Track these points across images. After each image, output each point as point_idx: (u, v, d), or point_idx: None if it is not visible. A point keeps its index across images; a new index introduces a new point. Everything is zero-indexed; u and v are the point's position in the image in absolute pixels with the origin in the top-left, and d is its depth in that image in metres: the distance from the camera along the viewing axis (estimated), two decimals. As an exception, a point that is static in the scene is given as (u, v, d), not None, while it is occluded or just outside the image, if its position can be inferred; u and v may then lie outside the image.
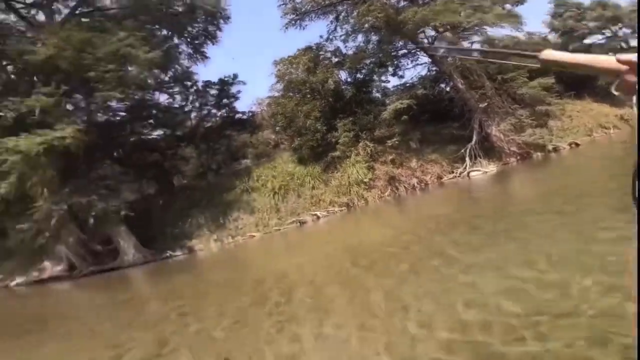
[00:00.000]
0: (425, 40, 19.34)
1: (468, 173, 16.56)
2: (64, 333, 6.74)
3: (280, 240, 14.25)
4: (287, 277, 7.67)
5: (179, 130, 20.41)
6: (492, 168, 16.60)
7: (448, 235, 7.27)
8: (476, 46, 21.56)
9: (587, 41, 27.94)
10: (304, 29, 23.35)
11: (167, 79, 20.50)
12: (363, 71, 20.36)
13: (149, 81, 16.46)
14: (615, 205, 5.71)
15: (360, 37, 21.03)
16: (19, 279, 15.31)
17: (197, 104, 21.59)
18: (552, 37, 27.84)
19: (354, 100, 19.44)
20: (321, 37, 22.77)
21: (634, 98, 1.10)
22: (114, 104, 16.17)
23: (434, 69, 21.42)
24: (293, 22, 22.74)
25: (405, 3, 20.52)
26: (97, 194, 13.36)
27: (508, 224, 7.09)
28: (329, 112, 18.77)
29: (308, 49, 20.27)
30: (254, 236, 15.62)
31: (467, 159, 16.86)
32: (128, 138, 18.12)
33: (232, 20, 20.75)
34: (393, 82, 22.85)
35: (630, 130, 18.20)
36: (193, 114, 22.05)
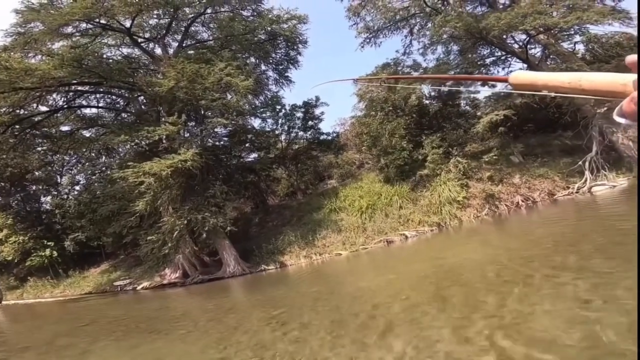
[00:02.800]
0: (516, 45, 17.68)
1: (589, 188, 14.06)
2: (185, 333, 7.68)
3: (366, 258, 14.04)
4: (377, 293, 7.55)
5: (272, 152, 22.16)
6: (621, 181, 13.80)
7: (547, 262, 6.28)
8: (581, 47, 18.94)
9: None
10: (379, 46, 23.91)
11: (258, 104, 22.71)
12: (448, 83, 19.51)
13: (246, 107, 18.34)
14: None
15: (439, 49, 20.41)
16: (145, 283, 18.21)
17: (285, 127, 23.34)
18: None
19: (441, 114, 18.64)
20: (397, 52, 22.76)
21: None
22: (219, 129, 18.54)
23: None
24: (368, 40, 23.33)
25: (483, 9, 19.31)
26: (209, 210, 15.19)
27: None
28: (415, 129, 18.25)
29: (386, 65, 20.22)
30: (340, 254, 15.72)
31: (587, 172, 14.38)
32: (231, 160, 20.44)
33: (310, 44, 22.17)
34: (484, 92, 21.26)
35: None
36: (282, 137, 23.85)
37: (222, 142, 19.83)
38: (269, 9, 20.14)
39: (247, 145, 21.21)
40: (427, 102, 19.65)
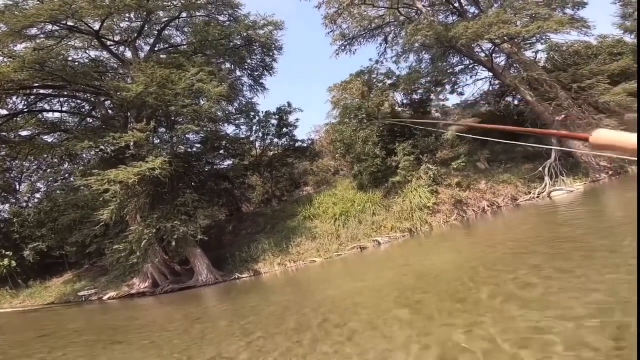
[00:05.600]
0: (483, 54, 18.47)
1: (549, 193, 14.84)
2: (147, 343, 7.41)
3: (340, 265, 14.11)
4: (346, 301, 7.59)
5: (246, 159, 21.95)
6: (578, 186, 14.67)
7: (516, 264, 6.56)
8: (542, 56, 19.97)
9: None
10: (354, 54, 24.33)
11: (233, 110, 22.48)
12: (419, 91, 20.02)
13: (219, 113, 18.09)
14: None
15: (412, 57, 21.00)
16: (111, 293, 17.47)
17: (260, 134, 23.23)
18: (629, 39, 24.68)
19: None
20: (371, 60, 23.22)
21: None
22: (190, 136, 18.17)
23: (496, 83, 20.22)
24: (343, 47, 23.75)
25: (454, 18, 20.07)
26: (179, 219, 14.80)
27: (590, 248, 6.17)
28: (388, 137, 18.54)
29: (360, 73, 20.57)
30: (314, 261, 15.71)
31: (547, 177, 15.18)
32: (203, 168, 20.05)
33: (285, 51, 22.19)
34: (453, 100, 22.09)
35: None
36: (257, 144, 23.71)
37: (194, 149, 19.43)
38: (245, 15, 20.10)
39: (221, 152, 20.89)
40: (400, 109, 20.07)
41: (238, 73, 22.97)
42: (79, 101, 19.50)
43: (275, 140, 23.70)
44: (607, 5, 31.16)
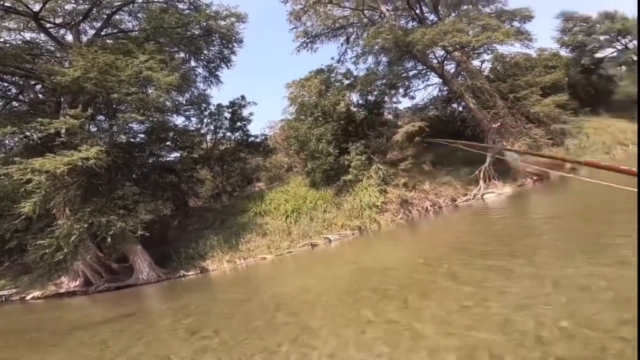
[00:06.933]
0: (435, 61, 19.55)
1: (482, 195, 16.28)
2: (75, 344, 6.79)
3: (290, 262, 14.14)
4: (296, 298, 7.64)
5: (195, 152, 20.96)
6: (507, 190, 16.28)
7: (454, 262, 7.14)
8: (487, 65, 21.64)
9: (598, 55, 27.42)
10: (315, 51, 24.44)
11: (183, 101, 21.33)
12: (374, 93, 20.49)
13: (168, 103, 17.07)
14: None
15: (370, 59, 21.55)
16: (35, 293, 15.69)
17: (212, 127, 22.33)
18: (564, 52, 27.39)
19: (366, 122, 19.54)
20: (332, 59, 23.52)
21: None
22: (134, 125, 16.88)
23: (445, 89, 21.38)
24: (304, 45, 23.75)
25: (414, 24, 21.03)
26: (116, 213, 13.69)
27: (503, 249, 6.96)
28: (341, 135, 18.92)
29: (320, 71, 20.64)
30: (265, 258, 15.55)
31: (481, 180, 16.62)
32: (147, 159, 18.73)
33: (245, 44, 21.59)
34: (405, 103, 23.17)
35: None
36: (208, 137, 22.75)
37: (137, 139, 18.06)
38: (207, 4, 19.02)
39: (167, 143, 19.65)
40: (355, 109, 20.49)
41: (193, 63, 21.84)
42: (5, 84, 17.15)
43: (228, 134, 22.96)
44: (549, 20, 34.10)
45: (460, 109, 21.65)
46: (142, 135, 17.83)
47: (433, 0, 20.40)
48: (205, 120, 21.96)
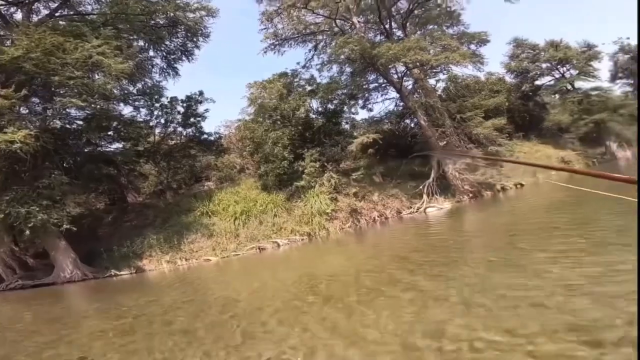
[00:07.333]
0: (396, 76, 20.49)
1: (425, 209, 17.36)
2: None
3: (236, 265, 13.74)
4: (239, 302, 7.41)
5: (141, 145, 19.57)
6: (446, 205, 17.56)
7: (396, 269, 7.52)
8: (441, 85, 23.20)
9: (538, 82, 29.38)
10: (282, 54, 24.41)
11: (134, 91, 19.95)
12: (334, 102, 20.85)
13: (116, 91, 15.91)
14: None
15: (335, 68, 22.00)
16: None
17: (162, 120, 21.09)
18: (509, 78, 29.14)
19: (323, 130, 19.80)
20: (298, 63, 23.67)
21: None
22: (72, 111, 15.36)
23: (401, 104, 22.36)
24: (272, 47, 23.63)
25: (382, 38, 21.94)
26: (39, 204, 12.27)
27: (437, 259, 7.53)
28: (298, 141, 18.99)
29: (283, 74, 20.60)
30: (209, 260, 14.94)
31: (425, 195, 17.73)
32: (82, 148, 17.08)
33: (211, 39, 20.85)
34: (362, 115, 23.86)
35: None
36: (157, 130, 21.43)
37: (74, 126, 16.41)
38: None
39: (109, 133, 18.11)
40: (314, 116, 20.65)
41: (151, 53, 20.59)
42: None
43: (180, 129, 21.81)
44: (501, 45, 36.45)
45: (413, 125, 22.86)
46: (80, 122, 16.24)
47: (402, 17, 21.51)
48: (155, 113, 20.65)
